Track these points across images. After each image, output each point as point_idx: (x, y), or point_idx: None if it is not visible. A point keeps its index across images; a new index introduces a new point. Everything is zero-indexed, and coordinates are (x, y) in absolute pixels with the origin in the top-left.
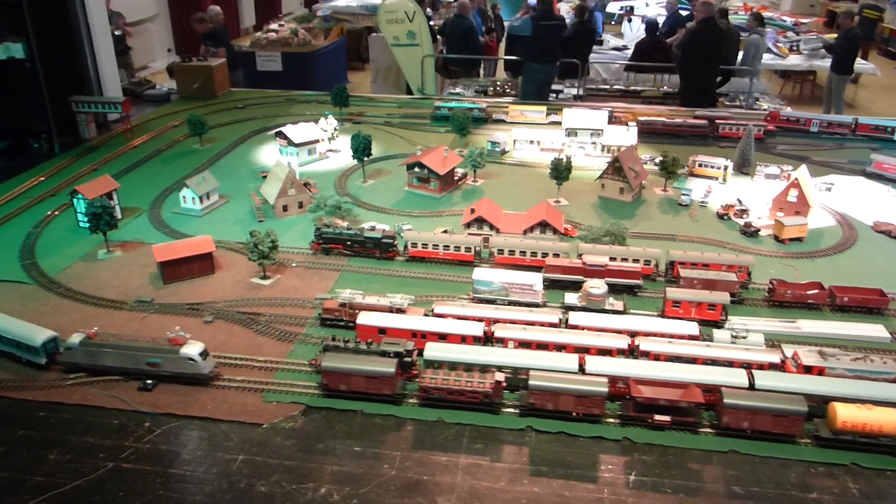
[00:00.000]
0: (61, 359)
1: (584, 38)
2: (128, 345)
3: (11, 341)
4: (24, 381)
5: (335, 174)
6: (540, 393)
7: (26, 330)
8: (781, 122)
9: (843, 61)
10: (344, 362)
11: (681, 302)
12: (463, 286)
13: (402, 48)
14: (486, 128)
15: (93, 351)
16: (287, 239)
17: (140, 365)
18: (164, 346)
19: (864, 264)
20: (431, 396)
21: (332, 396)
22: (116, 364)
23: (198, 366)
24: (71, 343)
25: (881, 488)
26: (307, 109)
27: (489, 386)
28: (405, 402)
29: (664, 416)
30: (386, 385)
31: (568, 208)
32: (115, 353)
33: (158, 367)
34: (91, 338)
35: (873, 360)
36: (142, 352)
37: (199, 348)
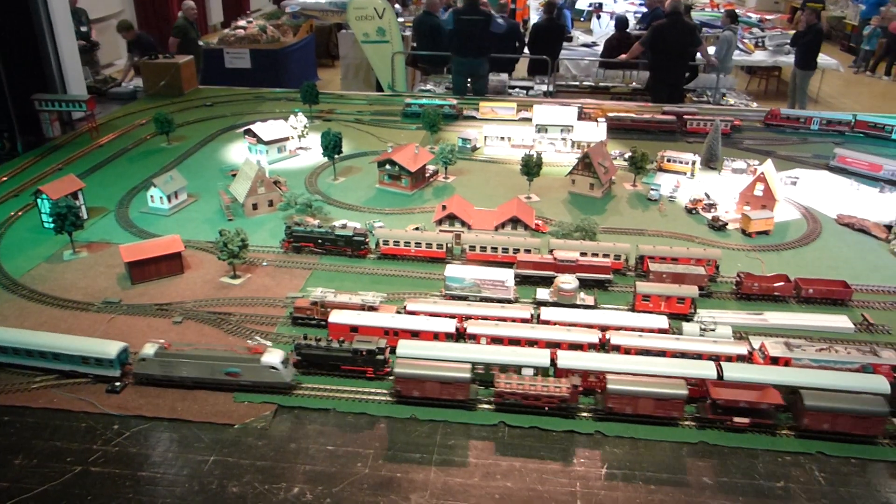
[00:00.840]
0: (135, 370)
1: (553, 34)
2: (205, 354)
3: (74, 357)
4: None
5: (305, 172)
6: (618, 397)
7: (94, 344)
8: (782, 120)
9: (807, 56)
10: (418, 369)
11: (650, 296)
12: (435, 283)
13: (372, 45)
14: (456, 124)
15: (168, 362)
16: (257, 238)
17: (218, 375)
18: (245, 356)
19: (829, 256)
20: (506, 402)
21: (402, 403)
22: (193, 375)
23: (280, 374)
24: (145, 354)
25: (846, 476)
26: (276, 107)
27: (566, 390)
28: (478, 407)
29: (744, 418)
30: (460, 391)
31: (539, 204)
32: (193, 363)
33: (238, 377)
34: (166, 348)
35: (837, 351)
36: (220, 361)
37: (280, 356)
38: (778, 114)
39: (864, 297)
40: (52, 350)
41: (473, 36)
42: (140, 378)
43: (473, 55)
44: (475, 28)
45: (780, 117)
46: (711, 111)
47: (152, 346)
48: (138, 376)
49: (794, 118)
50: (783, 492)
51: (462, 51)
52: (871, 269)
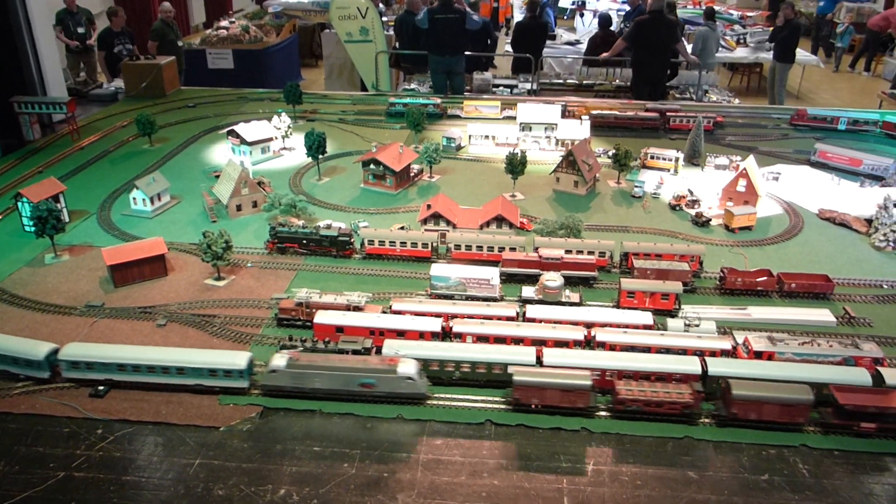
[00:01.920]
0: (263, 382)
1: (536, 33)
2: (339, 365)
3: (201, 371)
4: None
5: (290, 172)
6: (744, 403)
7: (221, 356)
8: (808, 120)
9: (785, 50)
10: (538, 377)
11: (635, 292)
12: (420, 282)
13: (355, 45)
14: (441, 123)
15: (300, 373)
16: (241, 239)
17: (352, 386)
18: (380, 366)
19: (811, 251)
20: (628, 409)
21: (520, 411)
22: (326, 386)
23: (416, 385)
24: (276, 365)
25: (827, 467)
26: (260, 107)
27: (688, 396)
28: (597, 415)
29: (870, 423)
30: (581, 398)
31: (523, 202)
32: (326, 375)
33: (373, 388)
34: (296, 360)
35: (819, 344)
36: (355, 373)
37: (416, 366)
38: (805, 114)
39: (846, 290)
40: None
41: (448, 34)
42: (269, 390)
43: (450, 53)
44: (450, 26)
45: (806, 117)
46: (694, 108)
47: (282, 358)
48: (268, 387)
49: (820, 118)
50: (767, 485)
51: (438, 49)
52: (851, 262)
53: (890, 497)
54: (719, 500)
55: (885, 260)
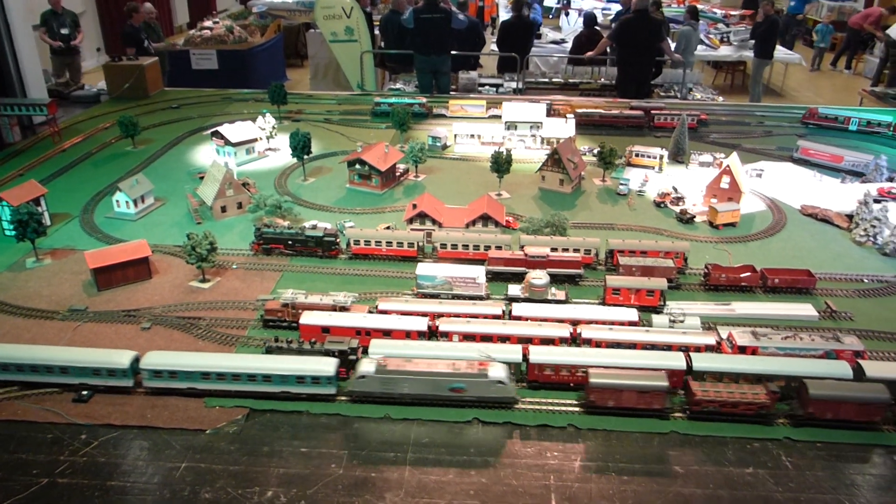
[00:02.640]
0: (352, 388)
1: (521, 31)
2: (429, 370)
3: (288, 378)
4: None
5: (275, 173)
6: (820, 402)
7: (308, 364)
8: (820, 119)
9: (764, 46)
10: (615, 378)
11: (620, 289)
12: (407, 282)
13: (341, 44)
14: (426, 123)
15: (390, 379)
16: (226, 240)
17: (442, 391)
18: (471, 371)
19: (793, 246)
20: (704, 410)
21: (596, 413)
22: (416, 391)
23: (507, 389)
24: (365, 371)
25: (810, 459)
26: (244, 108)
27: (764, 397)
28: (672, 416)
29: None
30: (657, 400)
31: (509, 201)
32: (416, 380)
33: (462, 393)
34: (384, 364)
35: (802, 339)
36: (445, 377)
37: (506, 370)
38: (816, 112)
39: (828, 285)
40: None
41: (434, 34)
42: (358, 395)
43: (435, 53)
44: (435, 26)
45: (817, 116)
46: (678, 106)
47: (371, 363)
48: (356, 393)
49: (831, 118)
50: (752, 478)
51: (424, 49)
52: (833, 257)
53: (871, 487)
54: (705, 493)
55: (865, 255)
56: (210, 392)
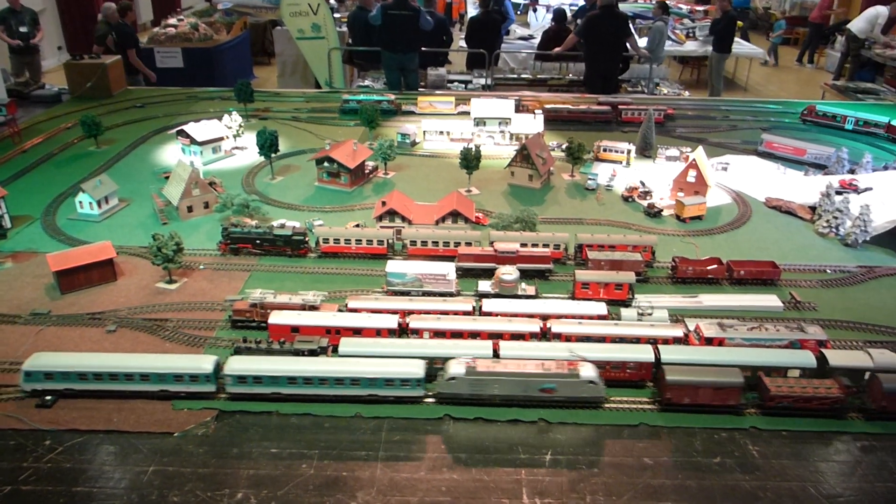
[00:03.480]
0: (442, 390)
1: (490, 28)
2: (519, 371)
3: (377, 381)
4: None
5: (242, 172)
6: (894, 396)
7: (401, 366)
8: (817, 117)
9: (723, 41)
10: (691, 375)
11: (589, 283)
12: (377, 279)
13: (308, 41)
14: (395, 120)
15: (480, 380)
16: (193, 241)
17: (532, 392)
18: (561, 371)
19: (758, 238)
20: (779, 405)
21: (670, 410)
22: (505, 392)
23: (598, 388)
24: (455, 373)
25: (776, 447)
26: (210, 106)
27: (837, 391)
28: (746, 412)
29: None
30: (732, 396)
31: (479, 197)
32: (506, 381)
33: (553, 393)
34: (473, 366)
35: (767, 329)
36: (536, 378)
37: (596, 370)
38: (814, 110)
39: (792, 276)
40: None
41: (402, 31)
42: (446, 397)
43: (403, 50)
44: (404, 23)
45: (815, 113)
46: (645, 101)
47: (459, 365)
48: (444, 395)
49: (830, 116)
50: (719, 467)
51: (392, 46)
52: (797, 249)
53: (835, 473)
54: (674, 484)
55: (828, 246)
56: (296, 397)
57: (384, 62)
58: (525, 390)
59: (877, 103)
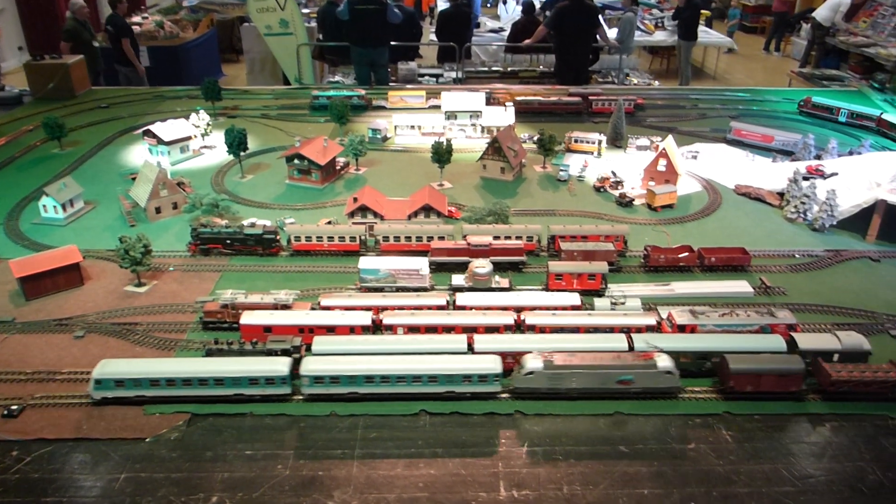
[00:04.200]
0: (519, 385)
1: (459, 21)
2: (597, 364)
3: (454, 377)
4: None
5: (211, 171)
6: None
7: (479, 362)
8: (814, 108)
9: (688, 29)
10: (754, 363)
11: (563, 274)
12: (350, 276)
13: (276, 37)
14: (366, 115)
15: (558, 374)
16: (162, 242)
17: (610, 384)
18: (639, 362)
19: (728, 225)
20: (840, 391)
21: (733, 399)
22: (582, 385)
23: (674, 378)
24: (533, 367)
25: (750, 432)
26: (177, 105)
27: None
28: (808, 398)
29: None
30: (795, 382)
31: (451, 191)
32: (584, 374)
33: (630, 385)
34: (551, 360)
35: (738, 315)
36: (613, 370)
37: (671, 360)
38: (810, 101)
39: (762, 262)
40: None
41: (370, 25)
42: (523, 392)
43: (372, 45)
44: (371, 17)
45: (811, 105)
46: (615, 91)
47: (536, 360)
48: (522, 390)
49: (824, 108)
50: (694, 452)
51: (360, 41)
52: (766, 235)
53: (805, 455)
54: (649, 471)
55: (796, 231)
56: (376, 396)
57: (353, 57)
58: (603, 383)
59: (842, 90)
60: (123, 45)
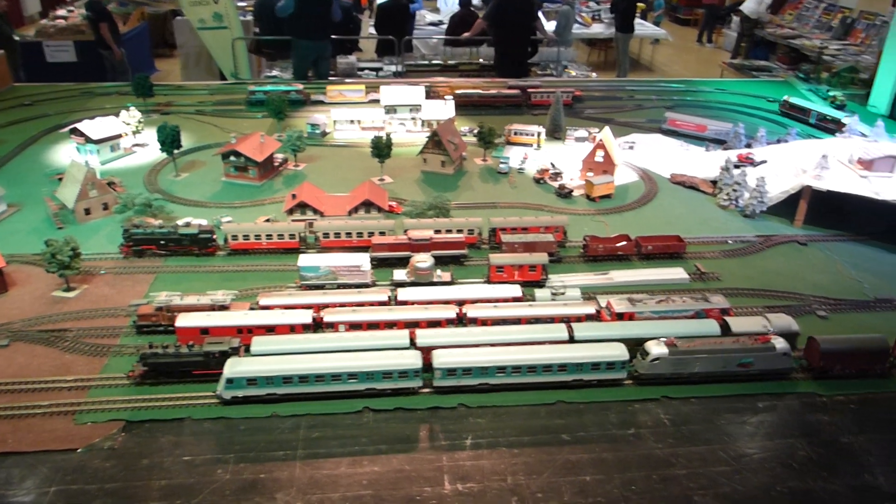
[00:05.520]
0: (645, 371)
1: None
2: (719, 348)
3: (585, 365)
4: None
5: (144, 170)
6: None
7: (606, 349)
8: (789, 109)
9: (625, 21)
10: (844, 343)
11: (504, 266)
12: (290, 275)
13: (210, 31)
14: (304, 110)
15: (682, 359)
16: (92, 245)
17: (731, 367)
18: (757, 345)
19: (665, 214)
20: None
21: (821, 378)
22: (705, 369)
23: (790, 360)
24: (659, 353)
25: (686, 414)
26: (107, 102)
27: None
28: None
29: None
30: (880, 361)
31: (392, 186)
32: (708, 358)
33: (749, 367)
34: (674, 345)
35: (674, 301)
36: (736, 353)
37: (787, 343)
38: (788, 101)
39: (697, 248)
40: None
41: (318, 18)
42: (648, 378)
43: (320, 38)
44: (319, 9)
45: (789, 106)
46: (554, 83)
47: (660, 346)
48: (647, 377)
49: (800, 108)
50: (634, 437)
51: (307, 34)
52: (701, 222)
53: (741, 434)
54: (591, 458)
55: (729, 218)
56: (503, 387)
57: (298, 52)
58: (725, 366)
59: (770, 79)
60: (101, 29)
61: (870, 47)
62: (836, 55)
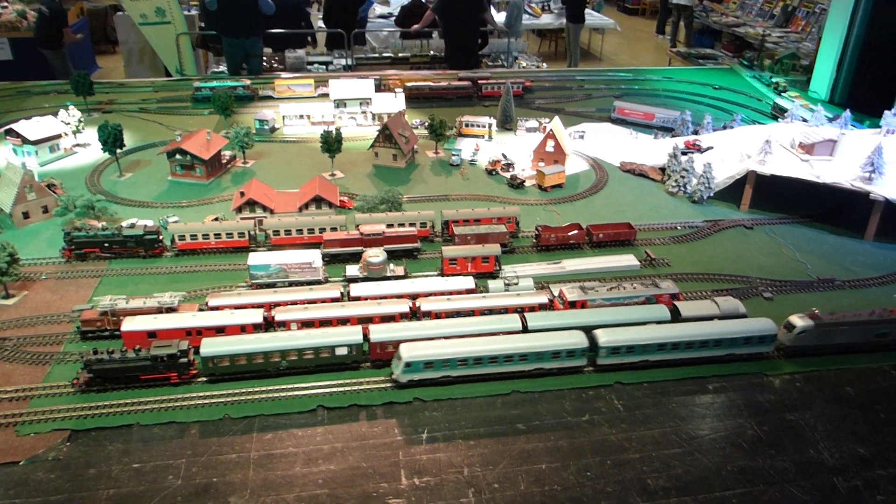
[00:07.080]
0: (793, 343)
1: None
2: (862, 319)
3: (725, 341)
4: None
5: (86, 171)
6: None
7: (751, 324)
8: (777, 111)
9: (576, 11)
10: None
11: (457, 259)
12: (240, 274)
13: (152, 27)
14: (252, 106)
15: (828, 331)
16: (32, 249)
17: (869, 338)
18: (893, 316)
19: (615, 202)
20: None
21: None
22: (847, 340)
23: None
24: (805, 326)
25: (639, 399)
26: (45, 101)
27: None
28: None
29: None
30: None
31: (343, 180)
32: (851, 329)
33: (886, 337)
34: (817, 318)
35: (625, 288)
36: (875, 324)
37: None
38: (775, 106)
39: (647, 235)
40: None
41: (241, 14)
42: (794, 350)
43: (245, 35)
44: (240, 6)
45: (777, 109)
46: (504, 74)
47: (803, 319)
48: (791, 349)
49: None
50: (588, 424)
51: (232, 31)
52: (650, 209)
53: (693, 416)
54: (546, 446)
55: (678, 204)
56: (466, 378)
57: (225, 48)
58: (864, 336)
59: (716, 67)
60: (65, 33)
61: (809, 35)
62: (777, 42)
